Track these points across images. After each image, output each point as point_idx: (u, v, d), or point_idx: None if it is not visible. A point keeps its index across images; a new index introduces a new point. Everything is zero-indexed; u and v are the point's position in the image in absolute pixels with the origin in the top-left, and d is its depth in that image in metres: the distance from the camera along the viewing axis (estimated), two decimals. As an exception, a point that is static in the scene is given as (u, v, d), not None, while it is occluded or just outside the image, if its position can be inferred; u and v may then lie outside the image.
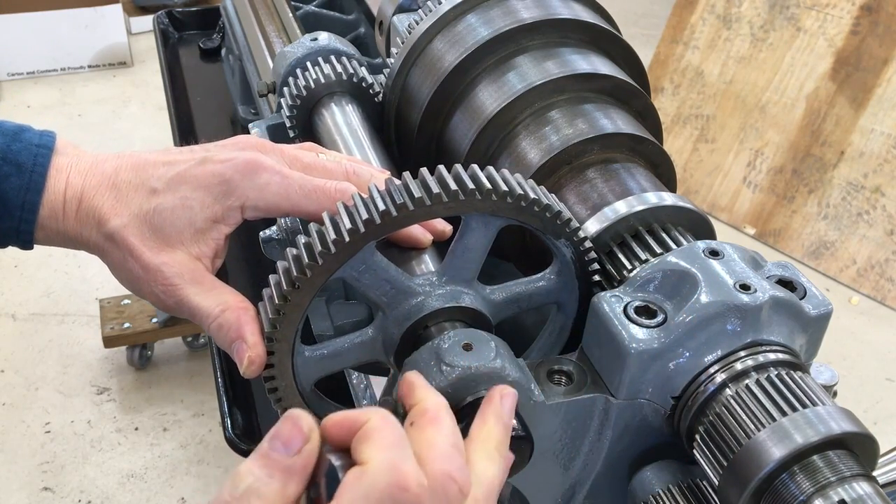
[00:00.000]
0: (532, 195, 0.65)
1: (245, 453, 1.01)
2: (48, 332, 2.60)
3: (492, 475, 0.54)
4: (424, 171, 0.64)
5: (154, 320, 2.38)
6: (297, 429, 0.49)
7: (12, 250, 0.76)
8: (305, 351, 0.68)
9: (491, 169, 0.65)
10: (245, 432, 1.03)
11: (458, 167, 0.64)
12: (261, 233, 0.79)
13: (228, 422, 1.02)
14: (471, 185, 0.63)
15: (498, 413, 0.57)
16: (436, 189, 0.62)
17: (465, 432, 0.57)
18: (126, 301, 2.43)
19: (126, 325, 2.37)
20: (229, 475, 0.49)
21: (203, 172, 0.71)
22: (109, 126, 3.56)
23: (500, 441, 0.56)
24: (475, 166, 0.65)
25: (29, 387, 2.43)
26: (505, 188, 0.64)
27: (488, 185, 0.63)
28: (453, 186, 0.62)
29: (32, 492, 2.16)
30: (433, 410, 0.54)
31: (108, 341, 2.38)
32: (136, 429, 2.32)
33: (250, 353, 0.65)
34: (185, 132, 1.60)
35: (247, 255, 1.24)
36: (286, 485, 0.48)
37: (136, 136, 3.49)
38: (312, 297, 0.63)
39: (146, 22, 4.02)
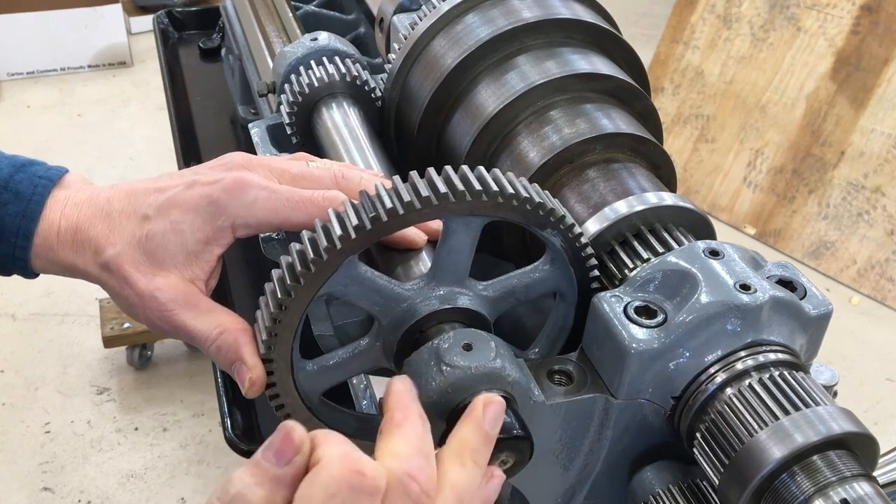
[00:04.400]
0: (509, 190, 0.64)
1: (245, 453, 1.01)
2: (48, 332, 2.60)
3: (463, 482, 0.55)
4: (397, 179, 0.64)
5: (154, 320, 2.37)
6: (288, 440, 0.50)
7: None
8: (307, 365, 0.68)
9: (465, 169, 0.65)
10: (245, 432, 1.03)
11: (431, 172, 0.64)
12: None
13: (228, 422, 1.02)
14: (443, 189, 0.62)
15: (477, 421, 0.57)
16: (407, 197, 0.62)
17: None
18: (126, 301, 2.43)
19: (126, 325, 2.37)
20: (221, 480, 0.49)
21: (192, 195, 0.71)
22: (109, 126, 3.55)
23: (475, 449, 0.56)
24: (448, 168, 0.64)
25: (29, 387, 2.42)
26: (479, 187, 0.63)
27: (461, 187, 0.62)
28: (425, 192, 0.62)
29: (32, 492, 2.16)
30: (399, 418, 0.55)
31: (108, 341, 2.38)
32: (136, 429, 2.32)
33: (251, 375, 0.66)
34: (185, 132, 1.60)
35: (247, 256, 1.24)
36: (273, 493, 0.49)
37: (136, 136, 3.49)
38: (301, 316, 0.64)
39: (146, 22, 4.02)
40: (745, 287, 0.64)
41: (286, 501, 0.49)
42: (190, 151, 1.54)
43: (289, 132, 0.96)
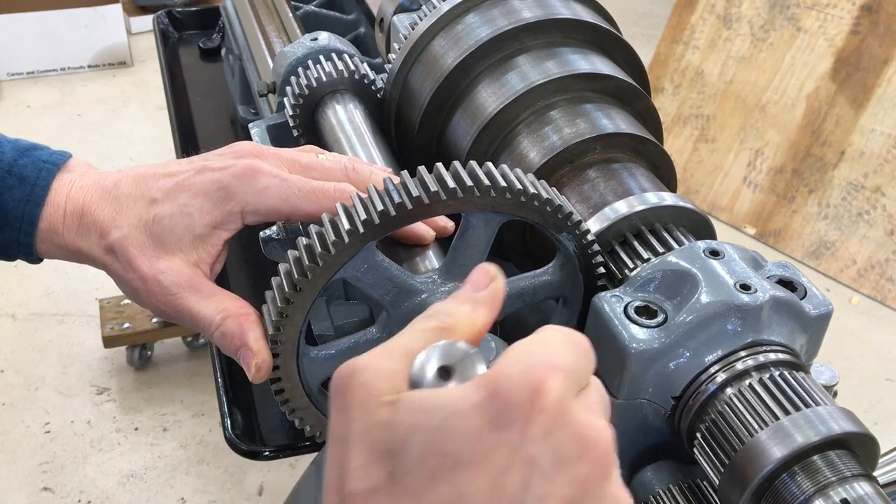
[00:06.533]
0: (532, 190, 0.65)
1: (245, 453, 1.01)
2: (48, 332, 2.60)
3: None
4: (422, 169, 0.64)
5: (154, 320, 2.37)
6: (483, 272, 0.52)
7: (13, 248, 0.76)
8: (311, 352, 0.68)
9: (490, 165, 0.65)
10: (245, 432, 1.02)
11: (457, 164, 0.64)
12: (261, 233, 0.79)
13: (228, 422, 1.02)
14: (469, 183, 0.63)
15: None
16: (434, 187, 0.62)
17: None
18: (126, 301, 2.43)
19: (126, 325, 2.37)
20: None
21: (202, 180, 0.71)
22: (109, 126, 3.55)
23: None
24: (473, 163, 0.65)
25: (29, 387, 2.42)
26: (504, 184, 0.63)
27: (486, 182, 0.63)
28: (451, 184, 0.62)
29: (32, 492, 2.16)
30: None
31: (108, 341, 2.38)
32: (136, 429, 2.32)
33: (257, 360, 0.66)
34: (185, 132, 1.59)
35: (247, 256, 1.24)
36: (474, 310, 0.51)
37: (136, 136, 3.49)
38: (315, 298, 0.63)
39: (146, 22, 4.02)
40: (745, 287, 0.64)
41: (486, 323, 0.51)
42: (190, 151, 1.54)
43: (291, 125, 0.96)
